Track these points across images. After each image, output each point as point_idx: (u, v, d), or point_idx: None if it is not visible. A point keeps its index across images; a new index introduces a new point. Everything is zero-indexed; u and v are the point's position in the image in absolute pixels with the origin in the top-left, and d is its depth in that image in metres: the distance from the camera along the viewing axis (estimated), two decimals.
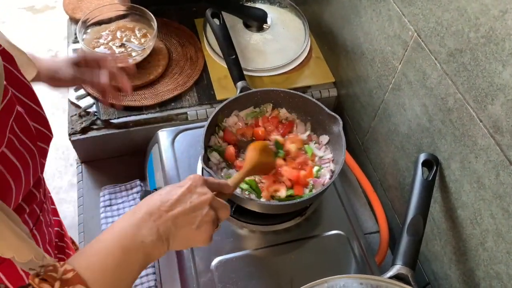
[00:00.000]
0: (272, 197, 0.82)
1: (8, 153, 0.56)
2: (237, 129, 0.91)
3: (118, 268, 0.53)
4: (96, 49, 1.08)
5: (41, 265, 0.51)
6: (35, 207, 0.69)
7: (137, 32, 1.13)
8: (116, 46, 1.10)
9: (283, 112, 0.94)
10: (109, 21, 1.15)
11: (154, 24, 1.09)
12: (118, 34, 1.12)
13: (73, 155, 2.03)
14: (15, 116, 0.58)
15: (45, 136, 0.68)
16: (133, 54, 1.06)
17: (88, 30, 1.11)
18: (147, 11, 1.12)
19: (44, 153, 0.67)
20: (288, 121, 0.94)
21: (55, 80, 0.84)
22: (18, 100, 0.61)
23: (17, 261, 0.50)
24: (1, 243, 0.49)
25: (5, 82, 0.55)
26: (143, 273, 0.93)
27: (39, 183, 0.70)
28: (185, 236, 0.58)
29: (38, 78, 0.80)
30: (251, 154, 0.78)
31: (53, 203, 0.87)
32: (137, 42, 1.11)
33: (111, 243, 0.54)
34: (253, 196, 0.81)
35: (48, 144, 0.69)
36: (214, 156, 0.85)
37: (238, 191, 0.82)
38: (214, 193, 0.63)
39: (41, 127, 0.66)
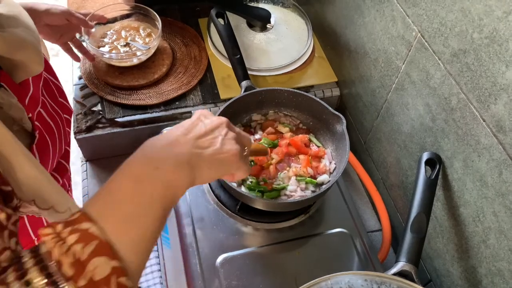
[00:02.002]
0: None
1: (43, 113, 0.62)
2: None
3: (130, 200, 0.45)
4: (101, 49, 1.09)
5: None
6: (65, 181, 0.73)
7: (141, 31, 1.14)
8: (121, 46, 1.10)
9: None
10: (113, 20, 1.16)
11: (159, 23, 1.10)
12: (123, 33, 1.13)
13: (74, 154, 2.02)
14: (43, 81, 0.64)
15: (67, 108, 0.74)
16: (138, 53, 1.07)
17: (93, 30, 1.12)
18: (152, 10, 1.12)
19: (68, 123, 0.73)
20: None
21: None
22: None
23: (56, 212, 0.51)
24: (41, 191, 0.49)
25: None
26: (148, 270, 0.93)
27: (67, 156, 0.74)
28: (212, 158, 0.51)
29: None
30: None
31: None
32: (141, 41, 1.12)
33: (121, 176, 0.47)
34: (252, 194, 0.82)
35: (70, 115, 0.75)
36: None
37: (242, 188, 0.83)
38: None
39: (62, 99, 0.72)
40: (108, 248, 0.41)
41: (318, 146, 0.91)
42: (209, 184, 0.89)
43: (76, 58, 1.06)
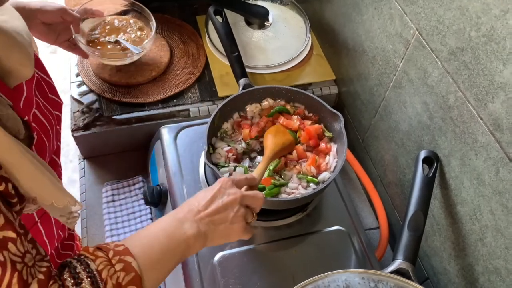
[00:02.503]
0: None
1: (38, 113, 0.64)
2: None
3: (163, 252, 0.60)
4: (95, 48, 1.06)
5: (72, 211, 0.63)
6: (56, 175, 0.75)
7: (132, 24, 1.10)
8: (111, 42, 1.06)
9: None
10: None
11: (153, 24, 1.07)
12: (116, 22, 1.09)
13: (73, 151, 2.03)
14: (36, 82, 0.65)
15: (56, 103, 0.75)
16: (129, 55, 1.03)
17: (84, 22, 1.05)
18: (147, 9, 1.09)
19: (59, 119, 0.74)
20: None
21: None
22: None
23: (55, 207, 0.58)
24: (43, 191, 0.56)
25: None
26: None
27: (58, 152, 0.77)
28: (222, 232, 0.66)
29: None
30: (268, 141, 0.86)
31: None
32: (133, 34, 1.08)
33: (159, 231, 0.62)
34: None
35: (59, 110, 0.76)
36: (221, 147, 0.87)
37: None
38: (245, 187, 0.70)
39: (52, 95, 0.72)
40: (139, 280, 0.55)
41: (330, 138, 0.90)
42: (207, 181, 0.89)
43: (84, 55, 1.03)
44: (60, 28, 0.93)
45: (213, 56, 1.16)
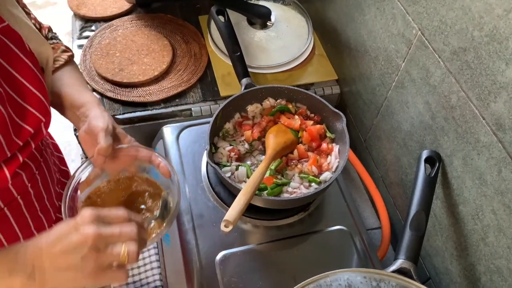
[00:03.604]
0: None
1: None
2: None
3: None
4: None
5: None
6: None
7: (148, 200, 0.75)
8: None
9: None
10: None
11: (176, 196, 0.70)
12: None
13: (75, 151, 2.03)
14: None
15: (33, 117, 0.67)
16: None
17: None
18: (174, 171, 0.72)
19: (25, 134, 0.66)
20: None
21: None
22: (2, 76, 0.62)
23: None
24: None
25: None
26: (148, 266, 0.94)
27: (25, 150, 0.67)
28: (68, 278, 0.53)
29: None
30: (270, 140, 0.86)
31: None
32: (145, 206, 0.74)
33: None
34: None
35: (35, 127, 0.67)
36: (223, 147, 0.87)
37: (242, 186, 0.83)
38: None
39: (31, 108, 0.66)
40: None
41: (332, 139, 0.90)
42: (209, 181, 0.90)
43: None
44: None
45: (215, 55, 1.16)
